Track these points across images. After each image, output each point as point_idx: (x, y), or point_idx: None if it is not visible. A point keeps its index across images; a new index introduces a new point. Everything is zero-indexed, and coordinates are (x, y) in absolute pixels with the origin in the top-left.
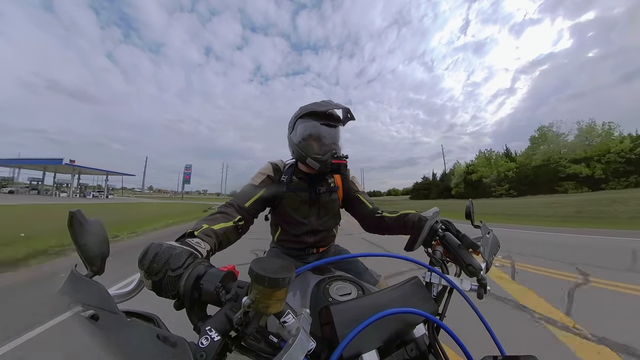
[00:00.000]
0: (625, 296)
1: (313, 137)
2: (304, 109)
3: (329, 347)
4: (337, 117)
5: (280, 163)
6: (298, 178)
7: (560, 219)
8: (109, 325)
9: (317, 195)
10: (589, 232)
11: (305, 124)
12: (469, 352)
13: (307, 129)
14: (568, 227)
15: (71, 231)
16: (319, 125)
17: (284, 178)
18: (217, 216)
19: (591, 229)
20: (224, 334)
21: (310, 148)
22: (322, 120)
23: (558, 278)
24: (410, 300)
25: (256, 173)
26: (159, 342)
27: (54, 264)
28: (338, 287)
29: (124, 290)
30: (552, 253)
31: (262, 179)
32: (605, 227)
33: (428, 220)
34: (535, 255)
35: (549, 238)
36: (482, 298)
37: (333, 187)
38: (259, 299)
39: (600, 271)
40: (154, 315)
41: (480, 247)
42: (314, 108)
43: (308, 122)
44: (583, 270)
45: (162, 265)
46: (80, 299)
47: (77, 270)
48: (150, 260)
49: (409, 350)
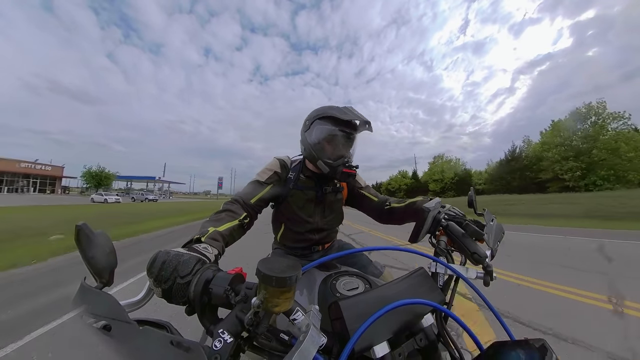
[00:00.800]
0: None
1: (328, 141)
2: (324, 111)
3: (340, 341)
4: (355, 126)
5: (287, 159)
6: (305, 176)
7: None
8: (121, 334)
9: (324, 194)
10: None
11: (323, 127)
12: (478, 338)
13: (323, 132)
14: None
15: (78, 244)
16: (337, 130)
17: (291, 175)
18: (222, 215)
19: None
20: (236, 335)
21: (324, 151)
22: (341, 127)
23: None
24: (417, 291)
25: (262, 169)
26: (173, 348)
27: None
28: (345, 282)
29: (134, 300)
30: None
31: (268, 175)
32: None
33: (431, 211)
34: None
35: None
36: (489, 285)
37: (338, 187)
38: (267, 299)
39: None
40: (165, 322)
41: (485, 234)
42: (335, 114)
43: (326, 126)
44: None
45: (171, 273)
46: (91, 310)
47: (87, 282)
48: (159, 268)
49: (419, 340)
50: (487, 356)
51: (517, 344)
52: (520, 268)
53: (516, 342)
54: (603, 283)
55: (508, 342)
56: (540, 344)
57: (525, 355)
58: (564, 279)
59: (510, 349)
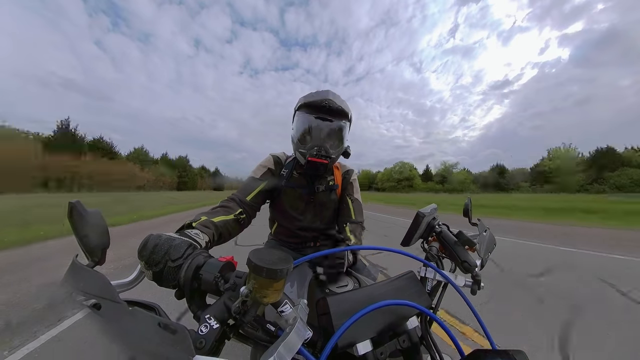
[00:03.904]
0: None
1: (304, 130)
2: (303, 99)
3: (325, 336)
4: (335, 110)
5: (283, 156)
6: (298, 173)
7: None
8: (111, 314)
9: (315, 193)
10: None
11: (300, 115)
12: (460, 344)
13: (299, 120)
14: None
15: (71, 222)
16: (312, 118)
17: (284, 172)
18: (217, 209)
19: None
20: (222, 322)
21: (303, 142)
22: (316, 113)
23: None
24: (405, 294)
25: (257, 166)
26: (160, 330)
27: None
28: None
29: (125, 280)
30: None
31: (263, 171)
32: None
33: (426, 217)
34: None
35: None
36: (476, 294)
37: (332, 185)
38: (256, 289)
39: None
40: (155, 304)
41: (477, 244)
42: (309, 99)
43: (302, 114)
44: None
45: (162, 256)
46: (82, 288)
47: (78, 260)
48: (150, 251)
49: (402, 341)
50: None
51: (497, 354)
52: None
53: (496, 352)
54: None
55: (489, 350)
56: (519, 355)
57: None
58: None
59: (490, 358)
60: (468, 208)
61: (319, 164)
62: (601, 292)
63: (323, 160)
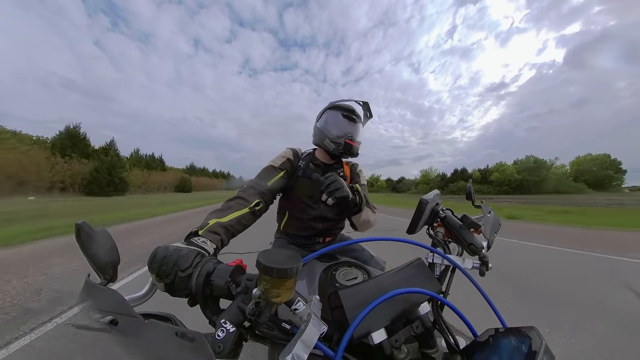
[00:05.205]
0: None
1: (334, 124)
2: (332, 103)
3: (340, 329)
4: (357, 114)
5: (299, 150)
6: (314, 165)
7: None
8: (128, 328)
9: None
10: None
11: (330, 113)
12: (472, 325)
13: (330, 116)
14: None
15: (79, 242)
16: (341, 116)
17: (301, 163)
18: (231, 204)
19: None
20: (238, 325)
21: (330, 132)
22: (344, 112)
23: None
24: (415, 281)
25: (276, 156)
26: (178, 339)
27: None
28: (344, 273)
29: (138, 295)
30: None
31: (282, 161)
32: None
33: (429, 203)
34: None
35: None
36: (484, 275)
37: (342, 176)
38: (268, 290)
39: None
40: (170, 314)
41: (482, 226)
42: (339, 103)
43: (332, 112)
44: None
45: (172, 267)
46: (97, 306)
47: (91, 279)
48: (159, 263)
49: (415, 327)
50: (480, 342)
51: (509, 331)
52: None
53: (508, 329)
54: None
55: (500, 329)
56: (531, 331)
57: (516, 341)
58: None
59: (503, 336)
60: (471, 191)
61: (353, 145)
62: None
63: (355, 143)
